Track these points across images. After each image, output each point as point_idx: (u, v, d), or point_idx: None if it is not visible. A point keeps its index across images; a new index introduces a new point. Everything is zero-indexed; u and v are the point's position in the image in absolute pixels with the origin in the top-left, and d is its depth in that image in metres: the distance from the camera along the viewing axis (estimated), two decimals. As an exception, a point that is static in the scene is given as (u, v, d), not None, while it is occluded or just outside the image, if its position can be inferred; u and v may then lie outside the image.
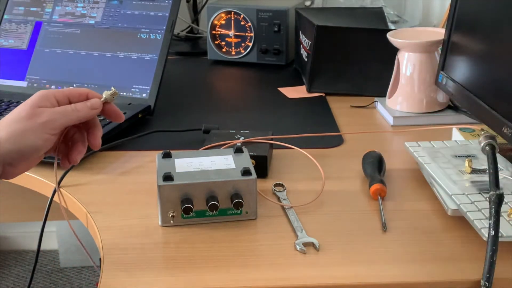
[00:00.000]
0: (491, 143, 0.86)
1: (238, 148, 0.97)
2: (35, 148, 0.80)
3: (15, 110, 0.81)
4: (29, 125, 0.79)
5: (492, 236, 0.77)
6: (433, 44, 1.26)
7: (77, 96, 0.84)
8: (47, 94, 0.82)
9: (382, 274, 0.79)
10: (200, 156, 0.96)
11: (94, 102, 0.84)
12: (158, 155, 0.97)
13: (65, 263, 2.35)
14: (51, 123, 0.80)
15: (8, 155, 0.79)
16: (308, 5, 1.86)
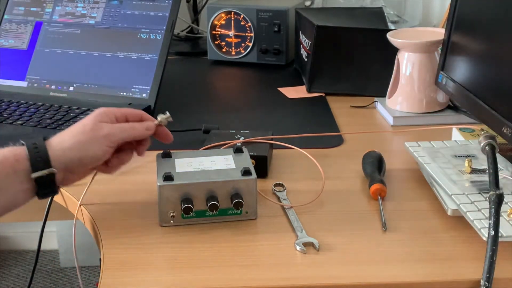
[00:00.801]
0: (491, 143, 0.86)
1: (238, 148, 0.97)
2: (96, 158, 0.89)
3: (79, 123, 0.90)
4: (92, 137, 0.88)
5: (492, 236, 0.77)
6: (433, 44, 1.26)
7: (133, 116, 0.94)
8: (108, 111, 0.91)
9: (382, 274, 0.79)
10: (200, 156, 0.96)
11: (149, 124, 0.94)
12: (158, 155, 0.97)
13: (65, 263, 2.35)
14: (111, 136, 0.89)
15: (71, 162, 0.87)
16: (308, 5, 1.86)
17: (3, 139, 1.16)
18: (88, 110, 1.27)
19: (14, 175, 0.83)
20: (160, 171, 0.91)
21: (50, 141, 0.87)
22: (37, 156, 0.84)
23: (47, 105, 1.30)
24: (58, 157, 0.86)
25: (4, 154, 0.84)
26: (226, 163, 0.93)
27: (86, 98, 1.34)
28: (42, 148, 0.85)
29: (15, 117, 1.25)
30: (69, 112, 1.26)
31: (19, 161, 0.84)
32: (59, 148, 0.86)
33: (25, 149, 0.85)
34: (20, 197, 0.85)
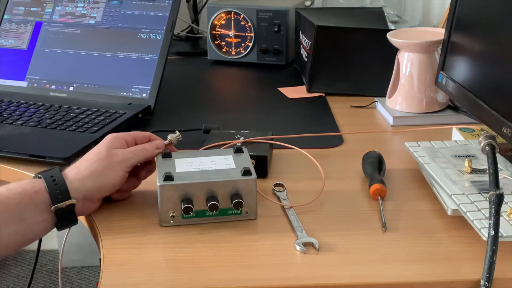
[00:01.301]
0: (491, 143, 0.86)
1: (238, 148, 0.97)
2: (114, 184, 0.91)
3: (92, 151, 0.92)
4: (108, 164, 0.90)
5: (492, 236, 0.77)
6: (433, 44, 1.26)
7: (141, 138, 0.96)
8: (118, 137, 0.94)
9: (382, 274, 0.79)
10: (200, 156, 0.96)
11: (159, 143, 0.97)
12: (158, 155, 0.97)
13: (65, 263, 2.35)
14: (126, 161, 0.91)
15: (90, 191, 0.89)
16: (308, 5, 1.86)
17: (3, 139, 1.17)
18: (88, 110, 1.27)
19: (34, 207, 0.84)
20: (160, 171, 0.91)
21: (66, 172, 0.89)
22: (56, 188, 0.86)
23: (47, 105, 1.30)
24: (77, 188, 0.88)
25: (22, 186, 0.85)
26: (226, 163, 0.93)
27: (86, 98, 1.34)
28: (60, 180, 0.87)
29: (15, 117, 1.25)
30: (69, 112, 1.26)
31: (38, 193, 0.85)
32: (78, 179, 0.88)
33: (43, 182, 0.86)
34: (39, 228, 0.86)
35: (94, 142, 1.13)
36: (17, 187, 0.84)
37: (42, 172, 0.88)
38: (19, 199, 0.83)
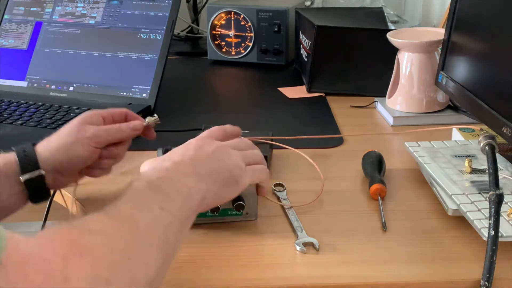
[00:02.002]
0: (491, 143, 0.86)
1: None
2: (82, 158, 0.90)
3: (66, 126, 0.91)
4: (78, 139, 0.89)
5: (492, 236, 0.77)
6: (433, 44, 1.26)
7: (118, 114, 0.95)
8: (94, 113, 0.93)
9: (382, 274, 0.79)
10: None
11: (136, 124, 0.95)
12: (159, 151, 0.96)
13: (65, 263, 2.35)
14: (96, 138, 0.90)
15: (59, 163, 0.88)
16: (308, 5, 1.86)
17: (3, 139, 1.17)
18: (88, 110, 1.26)
19: (5, 179, 0.85)
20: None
21: (38, 145, 0.89)
22: (26, 160, 0.86)
23: (47, 105, 1.30)
24: (46, 159, 0.87)
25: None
26: None
27: (86, 98, 1.34)
28: (30, 151, 0.87)
29: (15, 117, 1.25)
30: (69, 112, 1.26)
31: (8, 165, 0.85)
32: (47, 150, 0.88)
33: (14, 154, 0.86)
34: (13, 201, 0.86)
35: (94, 142, 1.13)
36: None
37: (16, 146, 0.88)
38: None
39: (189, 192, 0.72)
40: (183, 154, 0.77)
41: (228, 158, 0.80)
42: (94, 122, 0.92)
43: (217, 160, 0.78)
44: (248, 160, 0.82)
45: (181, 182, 0.72)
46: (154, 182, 0.71)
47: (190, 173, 0.74)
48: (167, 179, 0.72)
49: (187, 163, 0.76)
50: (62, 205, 1.03)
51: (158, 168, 0.74)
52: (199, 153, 0.78)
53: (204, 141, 0.81)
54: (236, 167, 0.79)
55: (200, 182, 0.74)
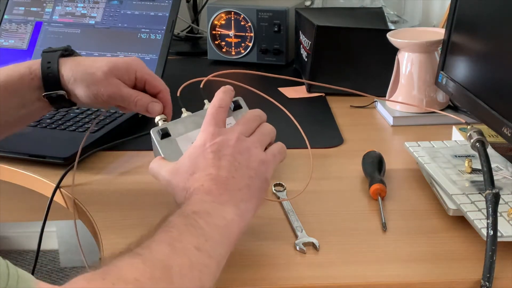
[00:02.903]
0: (481, 139, 0.85)
1: (237, 105, 0.88)
2: (97, 102, 0.91)
3: (98, 63, 0.90)
4: (96, 85, 0.89)
5: (491, 235, 0.77)
6: (433, 44, 1.26)
7: (152, 88, 0.93)
8: (131, 69, 0.91)
9: (382, 274, 0.79)
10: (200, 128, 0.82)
11: (154, 110, 0.91)
12: (155, 133, 0.84)
13: (65, 263, 2.35)
14: (110, 98, 0.90)
15: (79, 92, 0.90)
16: (308, 5, 1.86)
17: (3, 139, 1.16)
18: (88, 110, 1.27)
19: (32, 92, 0.89)
20: (170, 158, 0.81)
21: (65, 63, 0.90)
22: (49, 78, 0.89)
23: (47, 105, 1.30)
24: (67, 81, 0.89)
25: (20, 71, 0.89)
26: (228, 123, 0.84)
27: (86, 98, 1.34)
28: (54, 71, 0.89)
29: (15, 117, 1.25)
30: (69, 112, 1.26)
31: (34, 79, 0.89)
32: (70, 75, 0.89)
33: (39, 67, 0.89)
34: (39, 111, 0.92)
35: (94, 142, 1.13)
36: (17, 73, 0.89)
37: (46, 52, 0.91)
38: (20, 85, 0.89)
39: (227, 225, 0.70)
40: (208, 173, 0.73)
41: (249, 156, 0.76)
42: (124, 79, 0.91)
43: (243, 167, 0.74)
44: (264, 143, 0.79)
45: (218, 215, 0.70)
46: (190, 218, 0.68)
47: (226, 201, 0.72)
48: (204, 214, 0.69)
49: (221, 187, 0.72)
50: (62, 205, 1.03)
51: (191, 197, 0.72)
52: (225, 164, 0.74)
53: (218, 142, 0.76)
54: (260, 163, 0.76)
55: (237, 209, 0.72)
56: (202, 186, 0.72)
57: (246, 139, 0.77)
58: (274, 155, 0.79)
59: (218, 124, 0.78)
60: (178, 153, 0.81)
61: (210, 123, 0.78)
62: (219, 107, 0.81)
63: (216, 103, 0.81)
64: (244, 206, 0.73)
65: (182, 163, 0.76)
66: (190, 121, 0.86)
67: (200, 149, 0.76)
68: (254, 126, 0.80)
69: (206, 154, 0.75)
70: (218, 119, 0.79)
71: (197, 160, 0.75)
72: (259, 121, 0.82)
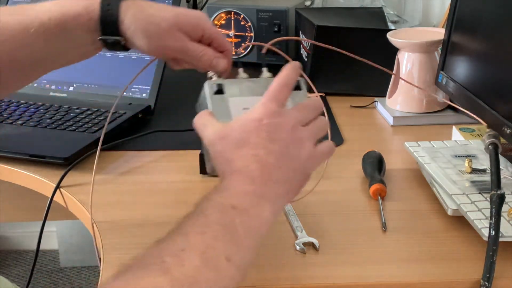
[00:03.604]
0: (495, 142, 0.86)
1: (296, 86, 0.78)
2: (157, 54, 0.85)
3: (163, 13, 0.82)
4: (159, 37, 0.81)
5: (493, 236, 0.77)
6: (433, 44, 1.26)
7: (219, 46, 0.87)
8: (199, 26, 0.84)
9: (382, 274, 0.79)
10: (257, 95, 0.75)
11: (219, 65, 0.86)
12: (209, 88, 0.78)
13: (65, 263, 2.35)
14: (172, 53, 0.84)
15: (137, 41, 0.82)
16: (308, 5, 1.86)
17: (3, 139, 1.16)
18: (88, 110, 1.27)
19: (86, 34, 0.82)
20: (217, 115, 0.75)
21: (126, 8, 0.82)
22: (107, 22, 0.81)
23: (47, 105, 1.30)
24: (127, 28, 0.81)
25: (76, 10, 0.81)
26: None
27: (86, 98, 1.34)
28: (113, 14, 0.81)
29: (15, 117, 1.25)
30: (69, 112, 1.26)
31: (91, 21, 0.81)
32: (131, 22, 0.81)
33: (98, 9, 0.81)
34: (90, 53, 0.86)
35: (94, 142, 1.13)
36: (72, 12, 0.81)
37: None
38: (75, 25, 0.81)
39: (261, 226, 0.67)
40: (256, 153, 0.68)
41: (301, 148, 0.71)
42: (189, 34, 0.83)
43: (292, 157, 0.70)
44: (317, 137, 0.74)
45: (256, 214, 0.66)
46: (227, 215, 0.65)
47: (265, 194, 0.68)
48: (243, 211, 0.65)
49: (264, 175, 0.68)
50: (62, 205, 1.03)
51: (232, 180, 0.68)
52: (275, 149, 0.69)
53: (275, 122, 0.70)
54: (308, 157, 0.71)
55: (273, 205, 0.68)
56: (247, 168, 0.68)
57: (302, 128, 0.72)
58: (323, 153, 0.74)
59: (279, 103, 0.72)
60: (226, 114, 0.76)
61: (271, 99, 0.72)
62: (284, 84, 0.74)
63: (282, 80, 0.74)
64: (280, 202, 0.70)
65: (232, 130, 0.71)
66: (245, 86, 0.80)
67: (254, 123, 0.70)
68: (311, 116, 0.74)
69: (260, 132, 0.69)
70: (281, 98, 0.72)
71: (249, 134, 0.70)
72: (317, 113, 0.75)
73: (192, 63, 0.86)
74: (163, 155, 1.14)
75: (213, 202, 0.66)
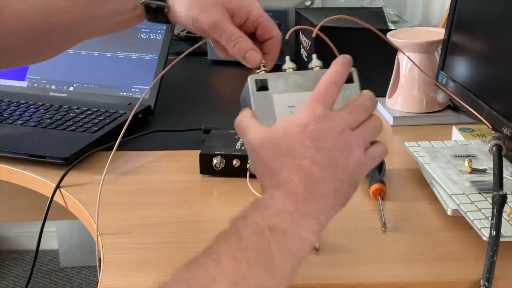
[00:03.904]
0: (499, 144, 0.86)
1: (348, 78, 0.74)
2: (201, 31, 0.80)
3: None
4: (202, 6, 0.77)
5: (493, 236, 0.77)
6: (433, 44, 1.26)
7: (266, 32, 0.81)
8: (246, 7, 0.78)
9: (382, 274, 0.79)
10: (302, 91, 0.72)
11: (252, 59, 0.80)
12: (252, 83, 0.71)
13: (65, 263, 2.35)
14: (210, 25, 0.78)
15: (179, 15, 0.79)
16: (308, 5, 1.86)
17: (3, 139, 1.17)
18: (88, 110, 1.27)
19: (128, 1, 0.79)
20: (259, 114, 0.69)
21: None
22: None
23: (47, 105, 1.30)
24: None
25: None
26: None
27: (86, 98, 1.34)
28: None
29: (15, 117, 1.25)
30: (69, 112, 1.26)
31: None
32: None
33: None
34: (132, 21, 0.82)
35: (94, 142, 1.13)
36: None
37: None
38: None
39: (300, 250, 0.62)
40: (300, 164, 0.63)
41: (349, 155, 0.64)
42: (233, 13, 0.77)
43: (339, 167, 0.64)
44: (368, 141, 0.67)
45: (295, 235, 0.61)
46: (264, 238, 0.60)
47: (308, 211, 0.63)
48: (280, 233, 0.60)
49: (307, 189, 0.63)
50: (62, 205, 1.03)
51: (274, 196, 0.62)
52: (320, 159, 0.63)
53: (321, 128, 0.64)
54: (357, 165, 0.65)
55: (316, 223, 0.63)
56: (290, 181, 0.63)
57: (351, 133, 0.65)
58: (374, 158, 0.67)
59: (327, 105, 0.66)
60: (269, 113, 0.69)
61: (318, 100, 0.66)
62: (333, 83, 0.68)
63: (331, 78, 0.69)
64: (323, 219, 0.64)
65: (274, 135, 0.65)
66: (292, 80, 0.73)
67: (299, 129, 0.64)
68: (362, 118, 0.67)
69: (304, 139, 0.63)
70: (328, 99, 0.66)
71: (293, 141, 0.64)
72: (369, 112, 0.69)
73: (228, 48, 0.80)
74: (163, 155, 1.14)
75: (249, 221, 0.61)
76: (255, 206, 0.63)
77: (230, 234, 0.61)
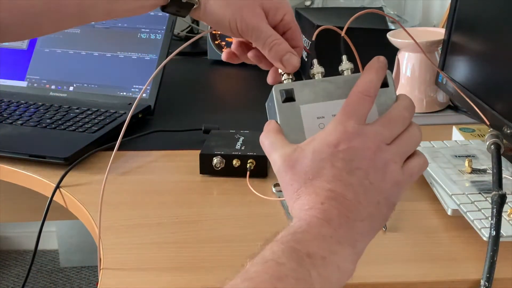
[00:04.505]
0: (497, 142, 0.86)
1: (383, 83, 0.66)
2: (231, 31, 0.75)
3: None
4: (240, 4, 0.72)
5: (493, 236, 0.76)
6: (433, 44, 1.26)
7: (293, 39, 0.76)
8: (282, 8, 0.74)
9: (382, 274, 0.79)
10: (332, 99, 0.66)
11: (290, 62, 0.73)
12: (277, 94, 0.65)
13: (65, 263, 2.35)
14: (246, 25, 0.72)
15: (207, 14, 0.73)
16: (308, 5, 1.86)
17: (3, 139, 1.17)
18: (88, 110, 1.27)
19: None
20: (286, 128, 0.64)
21: None
22: None
23: (47, 105, 1.30)
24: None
25: None
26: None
27: (86, 98, 1.34)
28: None
29: (15, 117, 1.25)
30: (69, 112, 1.26)
31: None
32: None
33: None
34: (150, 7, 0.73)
35: (94, 142, 1.13)
36: None
37: None
38: None
39: (339, 280, 0.58)
40: (332, 188, 0.58)
41: (385, 174, 0.59)
42: (269, 13, 0.73)
43: (374, 189, 0.59)
44: (406, 156, 0.62)
45: (334, 263, 0.57)
46: (303, 265, 0.55)
47: (344, 238, 0.57)
48: (320, 260, 0.56)
49: (342, 215, 0.57)
50: (62, 205, 1.03)
51: (309, 218, 0.58)
52: (353, 182, 0.58)
53: (354, 147, 0.59)
54: (394, 184, 0.60)
55: (353, 251, 0.58)
56: (322, 206, 0.57)
57: (387, 148, 0.60)
58: (412, 175, 0.62)
59: (359, 119, 0.60)
60: (297, 126, 0.64)
61: (349, 115, 0.60)
62: (365, 94, 0.62)
63: (363, 89, 0.62)
64: (360, 246, 0.59)
65: (303, 156, 0.59)
66: (321, 88, 0.67)
67: (329, 149, 0.59)
68: (399, 130, 0.62)
69: (336, 161, 0.58)
70: (361, 112, 0.60)
71: (323, 163, 0.58)
72: (406, 124, 0.63)
73: (262, 50, 0.73)
74: (163, 155, 1.14)
75: (286, 246, 0.57)
76: (289, 230, 0.59)
77: (266, 258, 0.56)
